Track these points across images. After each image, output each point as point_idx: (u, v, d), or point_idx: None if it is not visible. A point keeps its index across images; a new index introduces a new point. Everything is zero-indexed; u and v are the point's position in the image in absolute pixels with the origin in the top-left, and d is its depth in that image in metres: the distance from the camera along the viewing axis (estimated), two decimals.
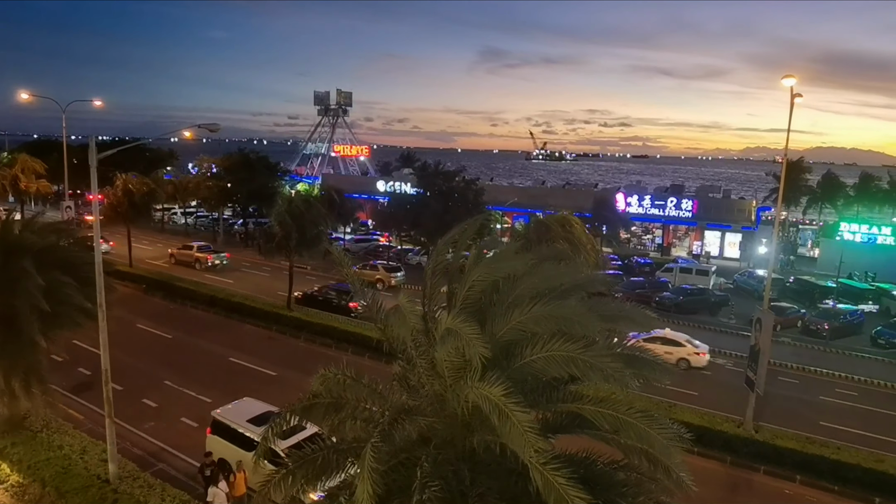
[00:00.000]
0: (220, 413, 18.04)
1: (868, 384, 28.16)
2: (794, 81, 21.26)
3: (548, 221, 32.45)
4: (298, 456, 8.82)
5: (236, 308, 34.20)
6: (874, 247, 51.63)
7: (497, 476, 7.73)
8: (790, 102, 21.66)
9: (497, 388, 6.75)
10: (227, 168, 58.64)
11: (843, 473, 18.86)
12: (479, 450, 7.71)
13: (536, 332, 7.60)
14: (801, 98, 21.85)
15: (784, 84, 21.40)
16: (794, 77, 21.22)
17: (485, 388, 6.84)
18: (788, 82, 21.29)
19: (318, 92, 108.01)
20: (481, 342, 7.03)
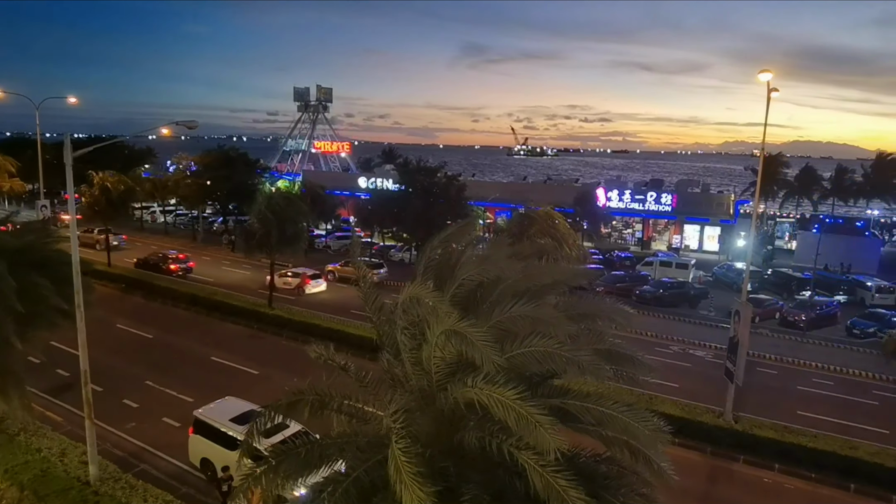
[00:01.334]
0: (203, 412, 17.91)
1: (843, 373, 28.71)
2: (771, 76, 21.55)
3: (530, 217, 32.60)
4: (281, 450, 8.79)
5: (217, 306, 33.92)
6: (850, 238, 52.58)
7: (482, 470, 7.77)
8: (767, 97, 21.95)
9: (509, 392, 6.75)
10: (207, 165, 58.05)
11: (820, 461, 19.27)
12: (465, 445, 7.74)
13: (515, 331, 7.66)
14: (778, 92, 22.15)
15: (761, 79, 21.67)
16: (770, 72, 21.51)
17: (494, 390, 6.83)
18: (765, 77, 21.57)
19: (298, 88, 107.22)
20: (492, 348, 6.96)
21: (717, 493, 18.53)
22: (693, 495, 17.80)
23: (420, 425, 7.90)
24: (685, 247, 58.92)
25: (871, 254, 51.69)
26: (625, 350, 8.95)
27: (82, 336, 15.60)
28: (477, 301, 8.51)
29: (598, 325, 9.16)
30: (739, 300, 23.61)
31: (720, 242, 57.44)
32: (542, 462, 6.60)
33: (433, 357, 7.54)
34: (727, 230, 56.93)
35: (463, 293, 8.41)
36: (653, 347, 29.82)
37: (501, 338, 7.84)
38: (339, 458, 8.53)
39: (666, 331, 33.71)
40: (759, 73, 21.76)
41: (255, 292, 36.82)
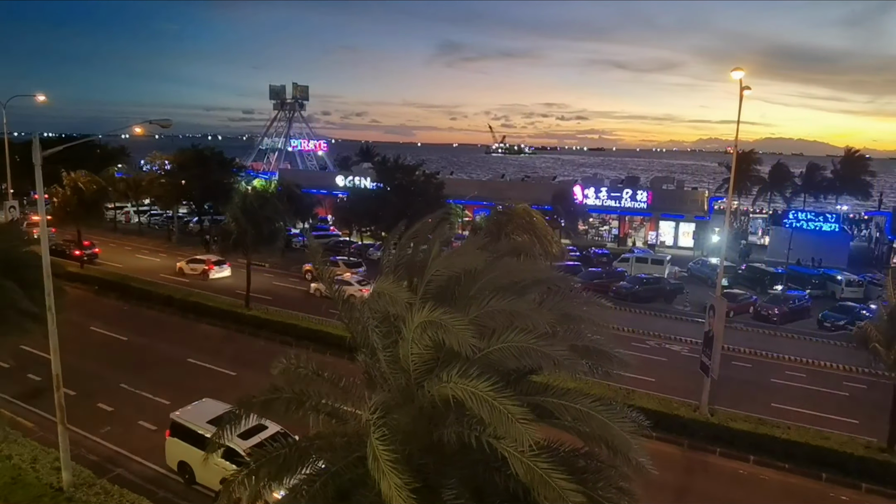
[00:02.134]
0: (179, 415, 17.70)
1: (815, 366, 29.31)
2: (743, 74, 21.88)
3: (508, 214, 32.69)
4: (261, 454, 8.72)
5: (193, 308, 33.50)
6: (820, 234, 53.68)
7: (463, 467, 7.79)
8: (740, 94, 22.29)
9: (483, 384, 6.78)
10: (181, 164, 57.22)
11: (793, 452, 19.70)
12: (445, 442, 7.75)
13: (493, 326, 7.68)
14: (750, 90, 22.51)
15: (733, 76, 22.00)
16: (742, 70, 21.85)
17: (469, 384, 6.85)
18: (738, 75, 21.90)
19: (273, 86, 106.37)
20: (468, 331, 7.00)
21: (695, 486, 18.82)
22: (671, 488, 18.06)
23: (399, 423, 7.88)
24: (661, 243, 59.62)
25: (840, 249, 52.84)
26: (602, 346, 9.03)
27: (54, 339, 15.29)
28: (454, 297, 8.50)
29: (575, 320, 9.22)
30: (714, 295, 23.96)
31: (695, 238, 58.25)
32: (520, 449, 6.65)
33: (410, 354, 7.53)
34: (701, 226, 57.75)
35: (434, 289, 8.41)
36: (630, 343, 30.13)
37: (479, 333, 7.86)
38: (319, 458, 8.49)
39: (642, 326, 34.10)
40: (731, 72, 22.09)
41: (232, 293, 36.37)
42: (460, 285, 8.60)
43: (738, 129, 23.38)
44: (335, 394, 8.94)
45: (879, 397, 22.45)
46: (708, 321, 22.83)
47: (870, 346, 19.54)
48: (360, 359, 8.94)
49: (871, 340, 19.50)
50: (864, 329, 20.27)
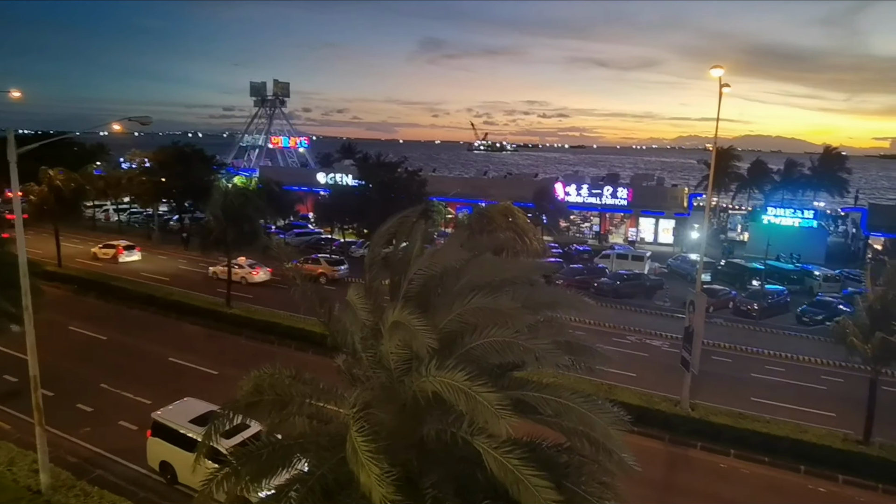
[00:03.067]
0: (161, 414, 17.53)
1: (794, 360, 29.78)
2: (723, 72, 22.12)
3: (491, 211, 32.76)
4: (243, 453, 8.66)
5: (174, 306, 33.18)
6: (798, 229, 54.50)
7: (445, 463, 7.81)
8: (719, 92, 22.53)
9: (459, 374, 6.83)
10: (161, 162, 56.60)
11: (773, 445, 20.00)
12: (427, 439, 7.76)
13: (476, 323, 7.71)
14: (730, 88, 22.78)
15: (713, 74, 22.23)
16: (722, 68, 22.08)
17: (446, 376, 6.89)
18: (717, 72, 22.13)
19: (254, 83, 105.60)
20: (428, 333, 7.07)
21: (676, 480, 19.04)
22: (653, 483, 18.24)
23: (382, 420, 7.89)
24: (641, 239, 60.17)
25: (818, 244, 53.70)
26: (583, 341, 9.10)
27: (31, 339, 15.04)
28: (438, 294, 8.51)
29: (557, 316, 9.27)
30: (694, 291, 24.22)
31: (675, 235, 58.83)
32: (494, 445, 6.68)
33: (390, 352, 7.54)
34: (681, 223, 58.35)
35: (417, 287, 8.41)
36: (611, 338, 30.39)
37: (463, 330, 7.88)
38: (303, 458, 8.46)
39: (623, 322, 34.40)
40: (711, 69, 22.31)
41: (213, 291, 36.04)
42: (443, 282, 8.62)
43: (718, 126, 23.64)
44: (318, 394, 8.90)
45: (856, 391, 22.89)
46: (688, 316, 23.07)
47: (847, 341, 19.91)
48: (342, 358, 8.92)
49: (848, 335, 19.88)
50: (841, 324, 20.64)
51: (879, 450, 19.42)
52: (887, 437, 20.33)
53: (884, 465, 18.83)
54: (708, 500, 17.97)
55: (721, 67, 22.09)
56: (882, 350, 19.03)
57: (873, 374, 20.29)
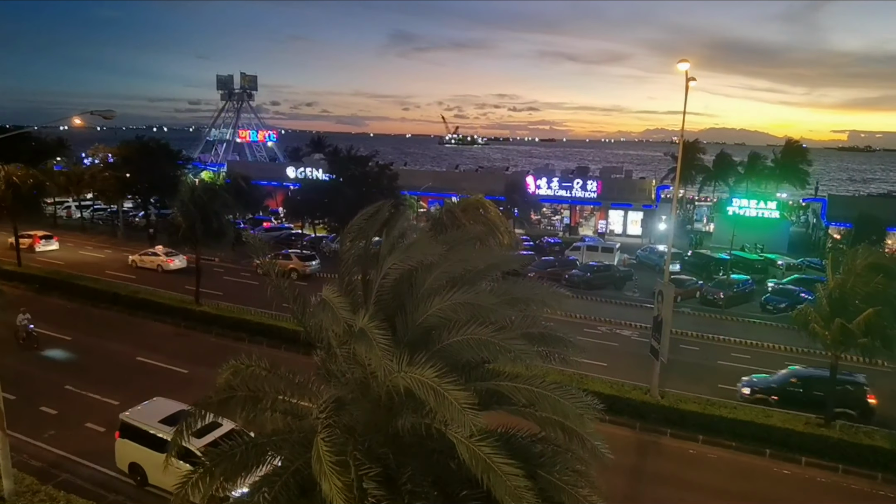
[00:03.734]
0: (130, 415, 17.22)
1: (759, 347, 30.54)
2: (689, 66, 22.45)
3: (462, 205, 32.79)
4: (216, 453, 8.55)
5: (141, 305, 32.55)
6: (762, 220, 55.78)
7: (421, 456, 7.84)
8: (685, 86, 22.87)
9: (429, 371, 6.85)
10: (125, 157, 55.25)
11: (739, 430, 20.53)
12: (402, 433, 7.78)
13: (454, 318, 7.73)
14: (696, 82, 23.13)
15: (680, 68, 22.55)
16: (688, 62, 22.41)
17: (416, 372, 6.90)
18: (683, 66, 22.45)
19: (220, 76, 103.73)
20: (388, 347, 7.12)
21: (647, 466, 19.42)
22: (625, 469, 18.58)
23: (357, 416, 7.88)
24: (610, 231, 60.92)
25: (781, 234, 55.05)
26: (556, 332, 9.19)
27: None
28: (412, 288, 8.51)
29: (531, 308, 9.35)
30: (662, 281, 24.63)
31: (643, 226, 59.71)
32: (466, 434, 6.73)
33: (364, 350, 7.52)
34: (649, 215, 59.24)
35: (391, 283, 8.40)
36: (582, 329, 30.76)
37: (439, 324, 7.90)
38: (277, 456, 8.40)
39: (594, 312, 34.84)
40: (678, 63, 22.63)
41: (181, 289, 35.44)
42: (418, 277, 8.61)
43: (684, 119, 23.99)
44: (292, 390, 8.84)
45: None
46: (657, 306, 23.47)
47: (808, 328, 20.51)
48: (317, 355, 8.86)
49: (809, 322, 20.47)
50: (803, 311, 21.24)
51: (839, 432, 20.06)
52: (849, 419, 21.03)
53: (843, 446, 19.48)
54: (678, 485, 18.35)
55: (687, 61, 22.42)
56: (841, 336, 19.64)
57: (833, 360, 20.92)
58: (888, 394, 23.51)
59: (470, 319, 7.65)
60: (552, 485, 7.87)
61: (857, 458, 19.26)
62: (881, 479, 18.77)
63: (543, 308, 9.41)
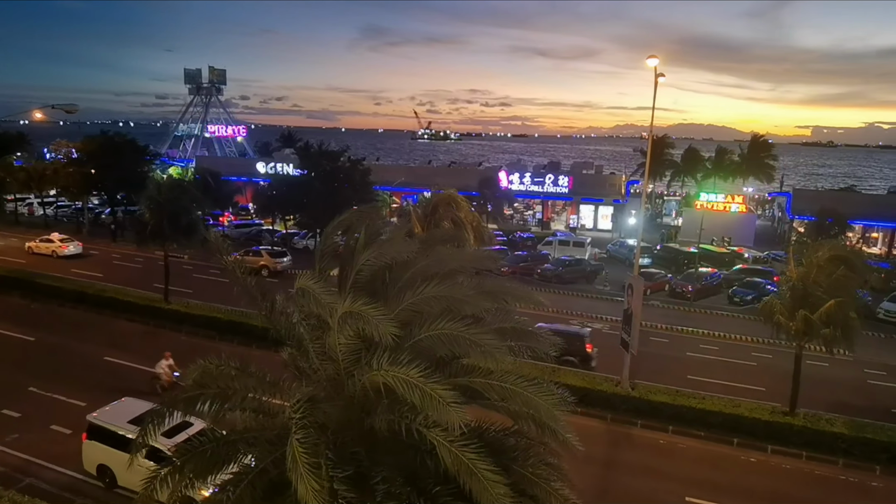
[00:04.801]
0: (97, 416, 16.89)
1: (727, 339, 31.18)
2: (658, 62, 22.74)
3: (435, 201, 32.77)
4: (185, 450, 8.43)
5: (108, 303, 31.86)
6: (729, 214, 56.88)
7: (395, 453, 7.83)
8: (654, 81, 23.15)
9: (413, 370, 6.84)
10: (90, 153, 53.85)
11: (708, 420, 20.97)
12: (376, 431, 7.76)
13: (429, 312, 7.74)
14: (665, 77, 23.44)
15: (649, 64, 22.83)
16: (657, 58, 22.69)
17: (400, 371, 6.88)
18: (652, 62, 22.73)
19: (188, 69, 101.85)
20: (387, 321, 7.06)
21: (619, 457, 19.71)
22: (597, 461, 18.82)
23: (330, 414, 7.83)
24: (581, 226, 61.57)
25: (747, 228, 56.22)
26: (528, 327, 9.27)
27: None
28: (386, 285, 8.51)
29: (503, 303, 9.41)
30: (632, 275, 24.97)
31: (613, 221, 60.45)
32: (449, 438, 6.75)
33: (338, 344, 7.48)
34: (619, 209, 60.00)
35: (365, 279, 8.38)
36: (554, 322, 30.98)
37: (413, 320, 7.90)
38: (248, 454, 8.32)
39: (566, 306, 35.17)
40: (647, 59, 22.91)
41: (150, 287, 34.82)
42: (392, 272, 8.61)
43: (653, 115, 24.30)
44: (263, 387, 8.75)
45: (783, 365, 24.16)
46: (627, 299, 23.79)
47: (774, 319, 21.02)
48: (286, 352, 8.78)
49: (774, 313, 20.98)
50: (768, 303, 21.75)
51: (803, 420, 20.63)
52: (811, 407, 21.64)
53: (807, 433, 20.06)
54: (649, 475, 18.66)
55: (656, 57, 22.71)
56: (805, 326, 20.17)
57: (798, 350, 21.48)
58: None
59: (443, 313, 7.66)
60: (525, 478, 7.95)
61: (820, 445, 19.86)
62: (842, 464, 19.39)
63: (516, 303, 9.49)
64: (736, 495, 17.66)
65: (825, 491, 18.24)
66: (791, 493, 18.03)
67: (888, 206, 54.55)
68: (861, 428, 20.15)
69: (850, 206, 51.80)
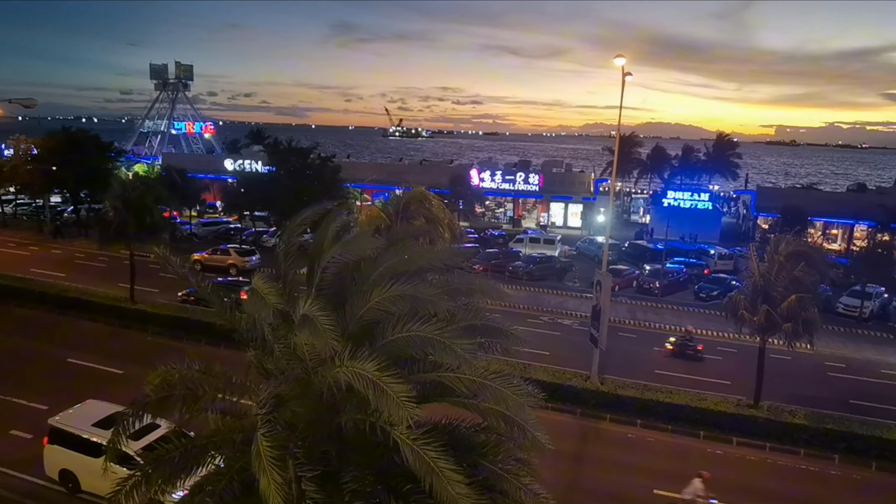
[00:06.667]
0: (60, 420, 16.49)
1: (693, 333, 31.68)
2: (625, 61, 23.03)
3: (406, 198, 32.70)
4: (154, 457, 8.28)
5: (71, 304, 31.07)
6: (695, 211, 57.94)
7: (365, 452, 7.83)
8: (622, 80, 23.45)
9: (370, 364, 6.84)
10: (51, 149, 52.39)
11: (675, 414, 21.38)
12: (345, 429, 7.75)
13: (394, 311, 7.73)
14: (632, 76, 23.76)
15: (616, 63, 23.11)
16: (624, 57, 22.99)
17: (357, 366, 6.88)
18: (620, 61, 23.02)
19: (154, 64, 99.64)
20: (334, 333, 7.04)
21: (588, 451, 19.98)
22: (567, 455, 19.02)
23: (298, 413, 7.78)
24: (552, 223, 62.06)
25: (713, 225, 57.35)
26: (498, 323, 9.33)
27: None
28: (355, 282, 8.46)
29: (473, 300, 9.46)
30: (600, 271, 25.30)
31: (583, 218, 61.10)
32: (412, 436, 6.76)
33: (304, 343, 7.42)
34: (589, 207, 60.66)
35: (331, 276, 8.33)
36: (525, 319, 31.26)
37: (383, 319, 7.89)
38: (218, 456, 8.22)
39: (536, 303, 35.48)
40: (614, 58, 23.19)
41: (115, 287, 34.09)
42: (360, 270, 8.57)
43: (621, 113, 24.61)
44: (231, 388, 8.65)
45: (747, 359, 24.72)
46: (595, 295, 24.10)
47: (738, 314, 21.51)
48: (250, 353, 8.69)
49: (738, 308, 21.47)
50: (732, 299, 22.25)
51: (767, 412, 21.18)
52: (774, 399, 22.22)
53: (771, 425, 20.61)
54: (618, 468, 18.96)
55: (623, 56, 23.00)
56: (767, 321, 20.69)
57: (761, 343, 22.03)
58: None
59: (411, 312, 7.66)
60: (494, 474, 8.01)
61: (783, 436, 20.42)
62: (803, 453, 19.96)
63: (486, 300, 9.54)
64: None
65: (787, 480, 18.74)
66: (755, 484, 18.48)
67: (847, 203, 56.11)
68: (821, 419, 20.78)
69: (812, 204, 53.16)
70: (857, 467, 19.44)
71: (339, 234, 9.21)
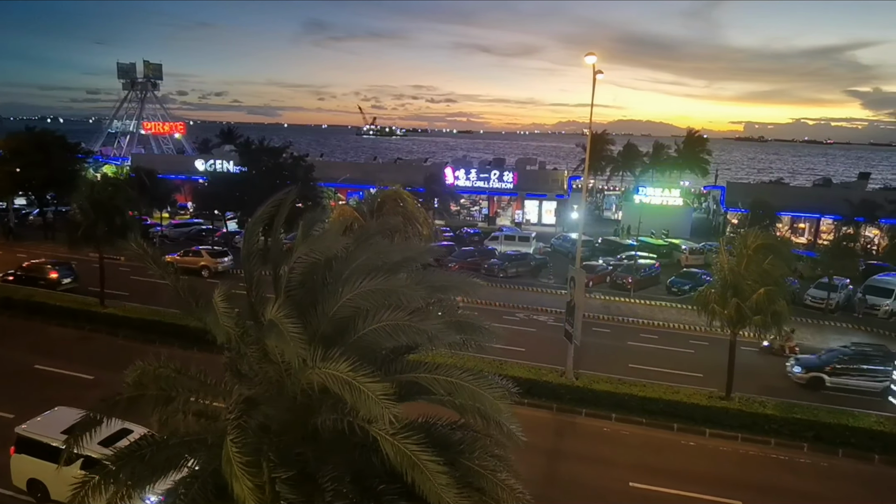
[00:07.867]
0: (27, 428, 16.09)
1: (666, 328, 32.25)
2: (596, 59, 23.25)
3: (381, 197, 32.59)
4: (121, 454, 8.01)
5: (38, 308, 30.33)
6: (666, 208, 58.75)
7: (342, 452, 7.80)
8: (593, 78, 23.68)
9: (343, 365, 6.80)
10: (14, 150, 51.05)
11: (649, 407, 21.68)
12: (322, 430, 7.70)
13: (368, 307, 7.70)
14: (603, 74, 24.03)
15: (587, 61, 23.31)
16: (595, 55, 23.20)
17: (330, 367, 6.83)
18: (591, 60, 23.22)
19: (122, 63, 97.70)
20: (302, 339, 6.99)
21: (564, 446, 20.16)
22: (543, 450, 19.19)
23: (272, 416, 7.71)
24: (526, 221, 62.43)
25: (684, 220, 58.23)
26: (474, 320, 9.36)
27: None
28: (326, 282, 8.40)
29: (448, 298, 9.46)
30: (574, 267, 25.52)
31: (557, 216, 61.60)
32: (391, 432, 6.76)
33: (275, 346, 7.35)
34: (562, 204, 61.20)
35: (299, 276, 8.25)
36: (501, 316, 31.43)
37: (355, 315, 7.85)
38: (191, 459, 8.09)
39: (512, 300, 35.66)
40: (585, 56, 23.39)
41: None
42: (331, 269, 8.51)
43: (592, 111, 24.86)
44: (205, 389, 8.54)
45: (719, 352, 25.18)
46: (570, 291, 24.30)
47: (709, 308, 21.88)
48: (225, 355, 8.58)
49: (709, 303, 21.84)
50: (703, 293, 22.63)
51: (738, 403, 21.59)
52: (745, 391, 22.67)
53: (742, 416, 21.02)
54: (594, 462, 19.16)
55: (594, 54, 23.20)
56: (737, 314, 21.08)
57: (732, 337, 22.44)
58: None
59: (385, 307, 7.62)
60: (472, 471, 8.03)
61: (754, 427, 20.84)
62: (774, 443, 20.40)
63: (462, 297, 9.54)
64: (677, 479, 18.31)
65: (759, 470, 19.13)
66: (728, 474, 18.82)
67: (813, 197, 57.37)
68: (790, 409, 21.25)
69: (780, 199, 54.19)
70: (825, 455, 19.94)
71: (309, 232, 9.12)
